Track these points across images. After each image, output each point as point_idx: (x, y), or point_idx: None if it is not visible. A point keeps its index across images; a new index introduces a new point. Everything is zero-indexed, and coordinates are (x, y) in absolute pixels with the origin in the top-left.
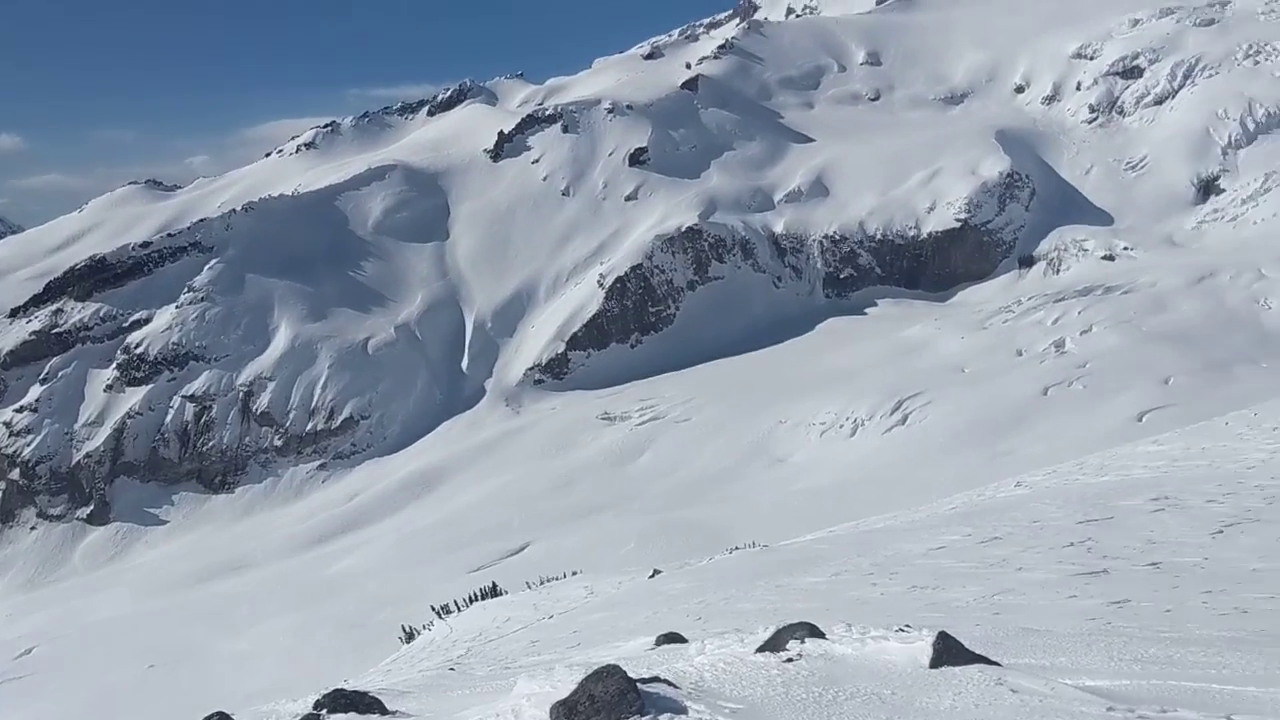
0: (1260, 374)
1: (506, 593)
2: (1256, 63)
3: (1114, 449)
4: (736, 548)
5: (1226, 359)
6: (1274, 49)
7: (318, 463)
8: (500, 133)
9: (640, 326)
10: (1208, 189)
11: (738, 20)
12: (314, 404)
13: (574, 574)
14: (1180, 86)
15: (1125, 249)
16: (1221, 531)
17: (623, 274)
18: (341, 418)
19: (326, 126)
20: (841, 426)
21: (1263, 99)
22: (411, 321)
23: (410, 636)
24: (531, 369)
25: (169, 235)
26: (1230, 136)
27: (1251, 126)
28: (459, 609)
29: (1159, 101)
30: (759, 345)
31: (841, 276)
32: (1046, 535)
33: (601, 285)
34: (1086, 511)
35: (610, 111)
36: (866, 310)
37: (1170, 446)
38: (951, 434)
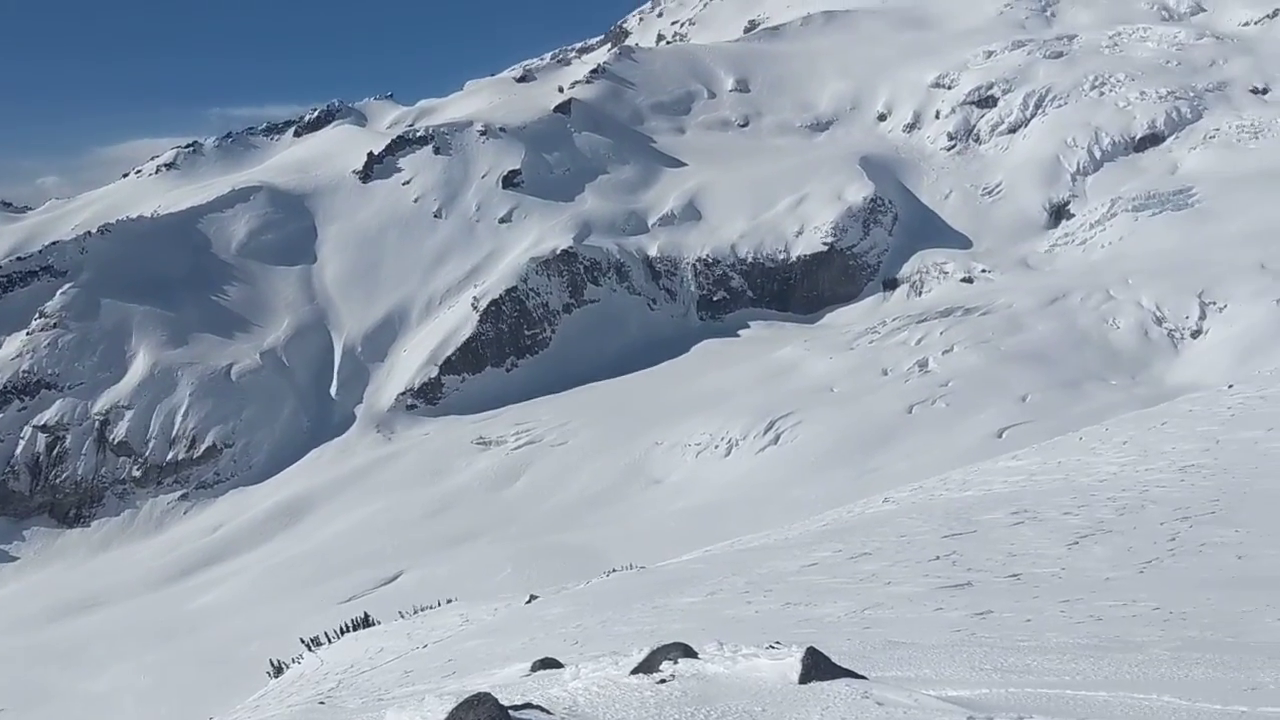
0: (1110, 390)
1: (379, 623)
2: (1101, 94)
3: (976, 464)
4: (614, 570)
5: (1078, 377)
6: (1117, 80)
7: (179, 493)
8: (370, 154)
9: (515, 350)
10: (1059, 214)
11: (609, 45)
12: (175, 432)
13: (449, 602)
14: (1032, 116)
15: (983, 271)
16: (1077, 543)
17: (497, 297)
18: (204, 446)
19: (188, 146)
20: (716, 447)
21: (1108, 128)
22: (278, 347)
23: (279, 671)
24: (404, 394)
25: (19, 259)
26: (1079, 164)
27: (1098, 154)
28: (330, 641)
29: (1012, 130)
30: (635, 367)
31: (715, 299)
32: (913, 550)
33: (476, 308)
34: (951, 526)
35: (483, 134)
36: (739, 332)
37: (1028, 461)
38: (822, 452)
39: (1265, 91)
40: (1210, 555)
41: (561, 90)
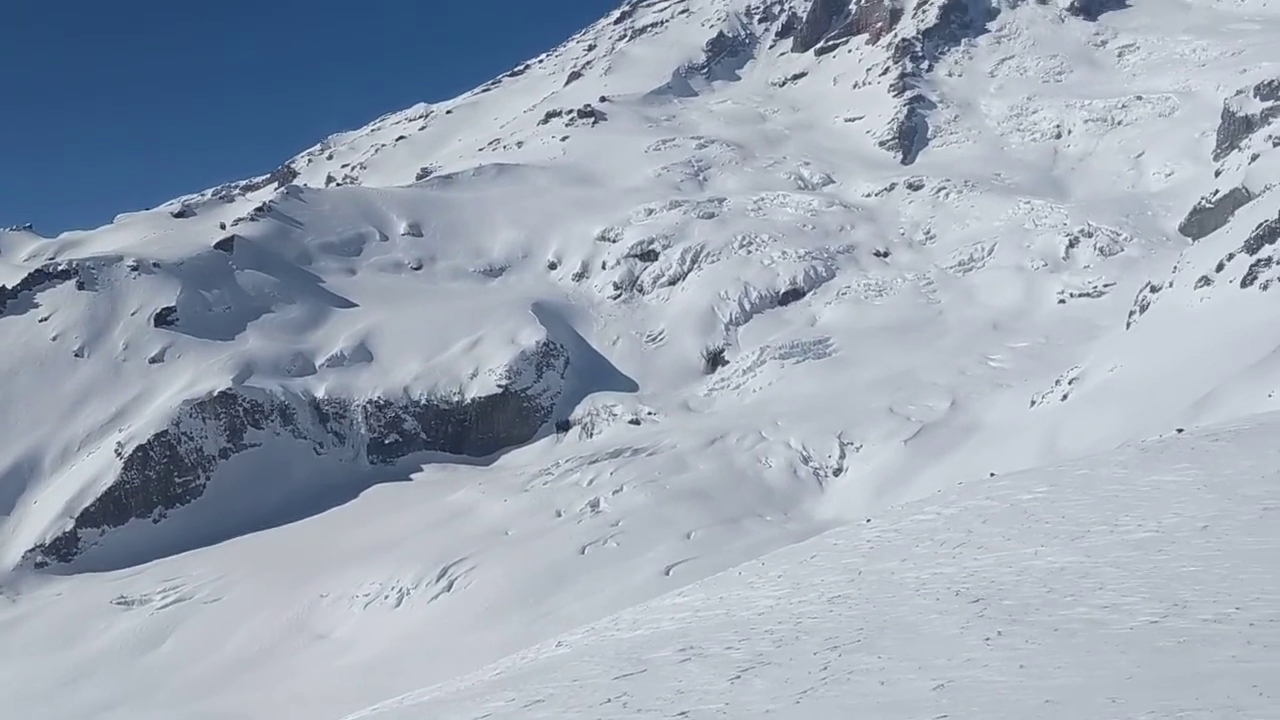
0: (765, 525)
1: None
2: (749, 252)
3: (645, 603)
4: None
5: (737, 513)
6: (762, 240)
7: None
8: (2, 288)
9: (165, 499)
10: (715, 360)
11: (276, 185)
12: None
13: None
14: (689, 270)
15: (649, 414)
16: (739, 676)
17: (145, 441)
18: None
19: None
20: (386, 597)
21: (755, 283)
22: None
23: None
24: (33, 550)
25: None
26: (731, 314)
27: (748, 306)
28: None
29: (672, 282)
30: (299, 515)
31: (387, 442)
32: (585, 694)
33: (120, 454)
34: (621, 666)
35: (135, 269)
36: (412, 476)
37: (693, 598)
38: (496, 598)
39: (886, 255)
40: (858, 682)
41: (224, 227)
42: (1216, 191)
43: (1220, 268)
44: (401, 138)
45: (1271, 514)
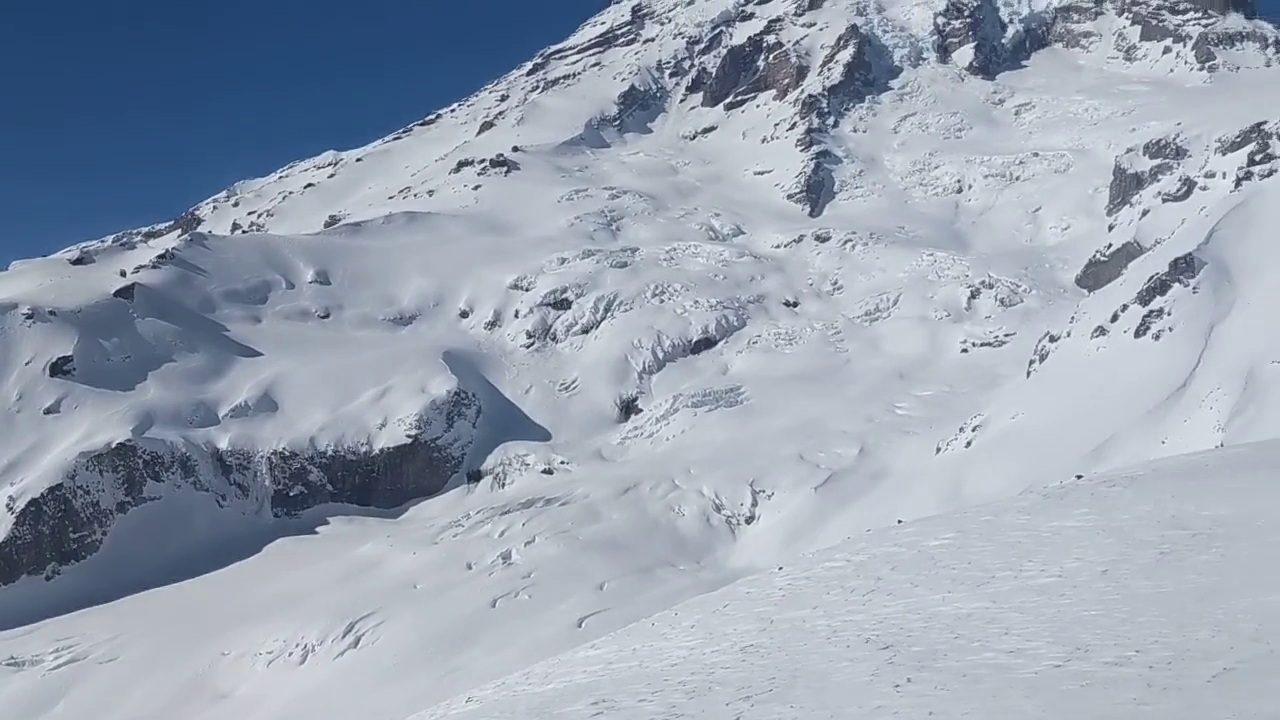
0: (678, 575)
1: None
2: (662, 301)
3: (558, 655)
4: None
5: (650, 563)
6: (674, 290)
7: None
8: None
9: (58, 555)
10: (628, 409)
11: (179, 231)
12: None
13: None
14: (603, 318)
15: (562, 463)
16: None
17: (38, 496)
18: None
19: None
20: (290, 654)
21: (668, 332)
22: None
23: None
24: None
25: None
26: (644, 363)
27: (660, 355)
28: None
29: (585, 331)
30: (201, 570)
31: (291, 494)
32: None
33: (11, 509)
34: None
35: (29, 317)
36: (318, 529)
37: (606, 650)
38: (404, 653)
39: (796, 304)
40: None
41: (124, 274)
42: (1110, 245)
43: (1115, 318)
44: (310, 185)
45: (1167, 558)
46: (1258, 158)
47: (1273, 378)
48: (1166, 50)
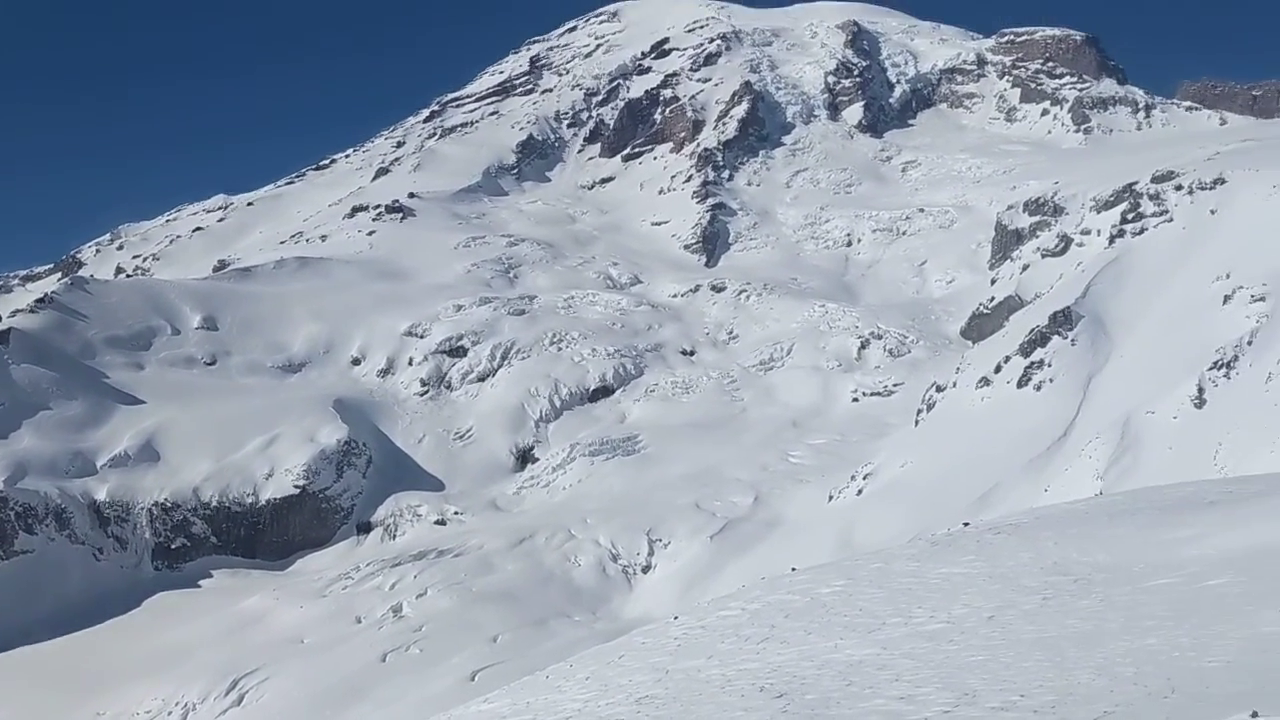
0: (573, 626)
1: None
2: (560, 349)
3: (449, 710)
4: None
5: (544, 615)
6: (572, 338)
7: None
8: None
9: None
10: (524, 458)
11: (59, 275)
12: None
13: None
14: (499, 366)
15: (455, 514)
16: None
17: None
18: None
19: None
20: (170, 714)
21: (565, 380)
22: None
23: None
24: None
25: None
26: (541, 411)
27: (558, 403)
28: None
29: (482, 378)
30: (75, 627)
31: (173, 547)
32: None
33: None
34: None
35: None
36: (201, 582)
37: (499, 704)
38: (290, 711)
39: (692, 353)
40: None
41: (0, 319)
42: (993, 298)
43: (998, 370)
44: (199, 229)
45: (1050, 604)
46: (1129, 216)
47: (1146, 427)
48: (1045, 112)
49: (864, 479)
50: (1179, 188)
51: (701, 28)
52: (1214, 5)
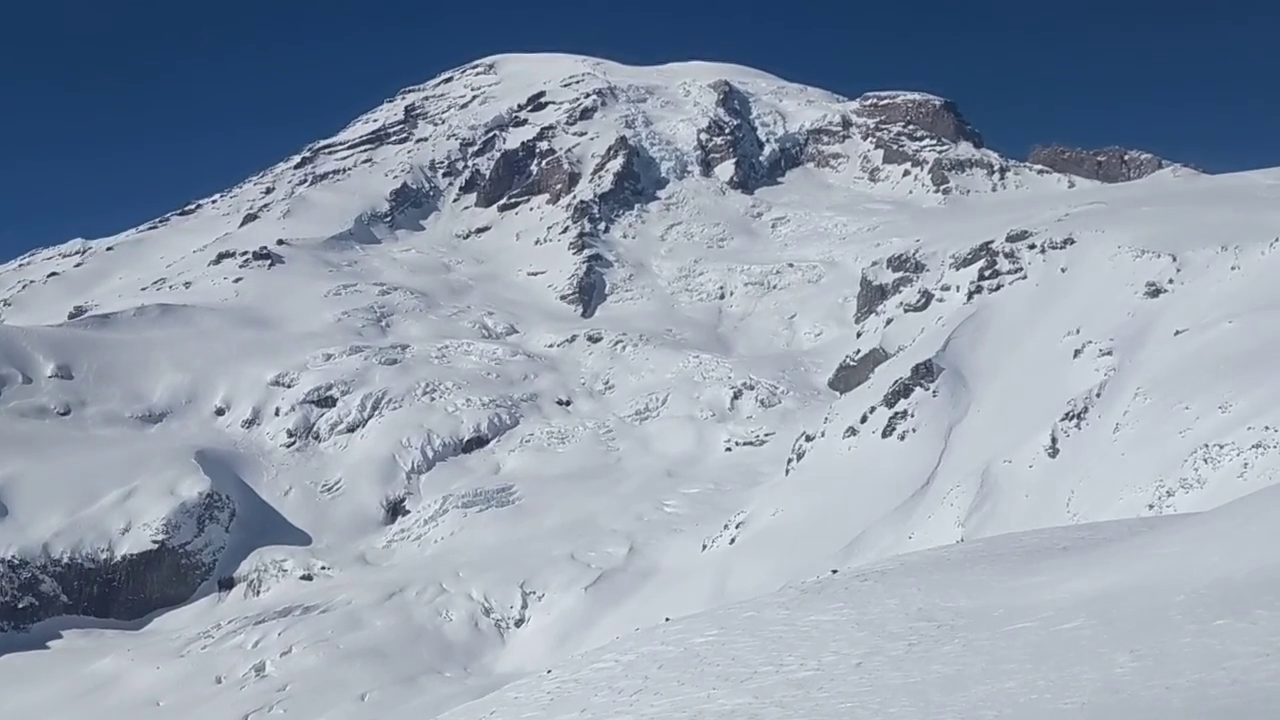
0: (444, 683)
1: None
2: (433, 399)
3: None
4: None
5: (415, 671)
6: (446, 388)
7: None
8: None
9: None
10: (395, 510)
11: None
12: None
13: None
14: (370, 416)
15: (323, 568)
16: None
17: None
18: None
19: None
20: None
21: (439, 430)
22: None
23: None
24: None
25: None
26: (413, 462)
27: (430, 454)
28: None
29: (351, 429)
30: None
31: (20, 606)
32: None
33: None
34: None
35: None
36: (49, 643)
37: None
38: None
39: (569, 403)
40: None
41: None
42: (859, 351)
43: (864, 420)
44: (54, 274)
45: (915, 649)
46: (986, 273)
47: (1004, 475)
48: (906, 173)
49: (736, 528)
50: (1032, 246)
51: (577, 83)
52: (1063, 78)
